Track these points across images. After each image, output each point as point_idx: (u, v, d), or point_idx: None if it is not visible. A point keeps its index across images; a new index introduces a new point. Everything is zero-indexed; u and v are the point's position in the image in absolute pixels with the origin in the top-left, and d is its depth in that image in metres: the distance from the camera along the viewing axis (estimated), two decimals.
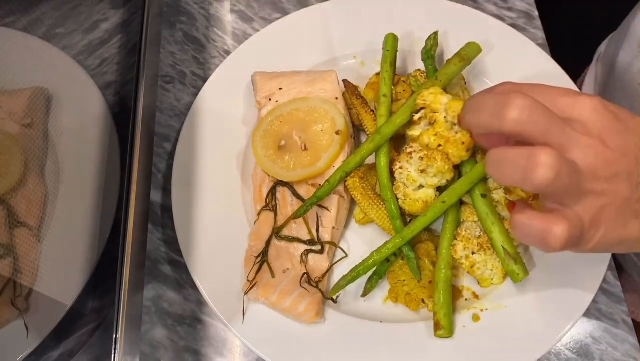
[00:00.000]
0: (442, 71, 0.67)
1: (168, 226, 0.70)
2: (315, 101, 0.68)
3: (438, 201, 0.61)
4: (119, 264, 0.59)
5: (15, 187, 0.59)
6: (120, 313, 0.56)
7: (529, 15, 0.83)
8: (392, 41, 0.70)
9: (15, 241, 0.57)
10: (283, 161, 0.66)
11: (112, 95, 0.70)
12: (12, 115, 0.63)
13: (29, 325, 0.56)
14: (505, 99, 0.44)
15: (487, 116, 0.46)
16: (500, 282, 0.62)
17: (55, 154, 0.64)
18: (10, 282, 0.56)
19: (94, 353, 0.59)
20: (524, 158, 0.43)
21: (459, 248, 0.61)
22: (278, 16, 0.84)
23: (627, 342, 0.63)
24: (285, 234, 0.65)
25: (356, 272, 0.61)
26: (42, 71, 0.67)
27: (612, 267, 0.66)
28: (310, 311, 0.60)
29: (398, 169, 0.62)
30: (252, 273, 0.63)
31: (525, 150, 0.43)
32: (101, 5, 0.75)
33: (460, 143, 0.61)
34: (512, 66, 0.73)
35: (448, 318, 0.59)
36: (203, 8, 0.86)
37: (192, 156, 0.70)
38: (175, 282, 0.68)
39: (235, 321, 0.61)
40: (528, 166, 0.42)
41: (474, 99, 0.50)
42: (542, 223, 0.45)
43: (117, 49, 0.73)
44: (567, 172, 0.43)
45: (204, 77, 0.80)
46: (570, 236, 0.44)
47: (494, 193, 0.63)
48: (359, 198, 0.64)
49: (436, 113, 0.61)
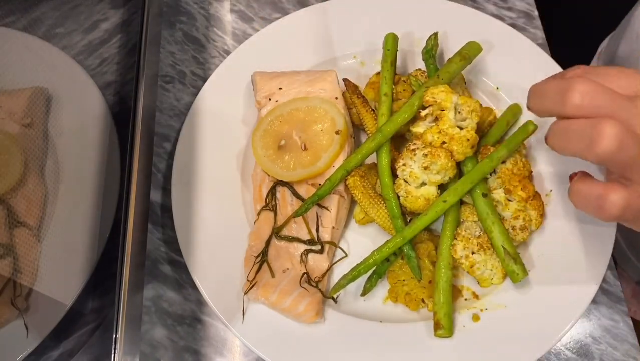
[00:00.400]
0: (444, 69, 0.68)
1: (168, 226, 0.70)
2: (315, 101, 0.68)
3: (439, 201, 0.61)
4: (119, 264, 0.59)
5: (15, 187, 0.59)
6: (120, 313, 0.56)
7: (529, 15, 0.83)
8: (393, 41, 0.70)
9: (15, 241, 0.57)
10: (283, 161, 0.66)
11: (112, 95, 0.70)
12: (12, 115, 0.63)
13: (29, 325, 0.56)
14: (567, 84, 0.44)
15: (550, 102, 0.46)
16: (500, 282, 0.62)
17: (55, 154, 0.64)
18: (10, 282, 0.56)
19: (94, 353, 0.59)
20: (589, 128, 0.43)
21: (459, 248, 0.61)
22: (278, 16, 0.84)
23: (627, 342, 0.63)
24: (286, 234, 0.65)
25: (357, 271, 0.61)
26: (42, 71, 0.67)
27: (612, 267, 0.66)
28: (310, 311, 0.60)
29: (401, 166, 0.62)
30: (252, 273, 0.63)
31: (590, 121, 0.43)
32: (101, 5, 0.75)
33: (465, 140, 0.61)
34: (512, 66, 0.73)
35: (448, 318, 0.59)
36: (203, 8, 0.86)
37: (192, 156, 0.70)
38: (175, 282, 0.68)
39: (235, 321, 0.61)
40: (593, 136, 0.42)
41: (539, 84, 0.50)
42: (601, 189, 0.45)
43: (117, 49, 0.73)
44: (631, 144, 0.42)
45: (204, 77, 0.80)
46: (627, 204, 0.44)
47: (495, 193, 0.63)
48: (360, 197, 0.64)
49: (444, 111, 0.61)
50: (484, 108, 0.68)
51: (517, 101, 0.71)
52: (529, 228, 0.62)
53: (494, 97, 0.74)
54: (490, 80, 0.74)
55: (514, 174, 0.64)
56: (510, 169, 0.64)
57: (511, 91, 0.72)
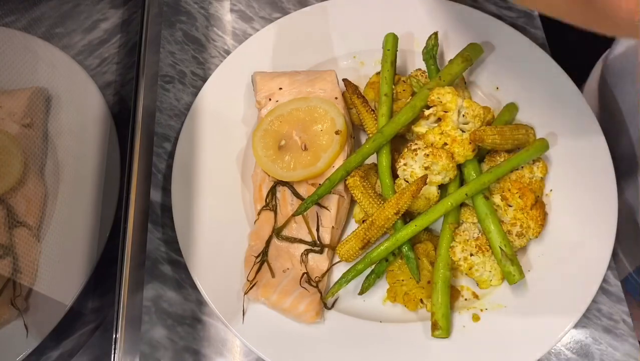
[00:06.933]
0: (446, 70, 0.68)
1: (168, 226, 0.70)
2: (315, 101, 0.68)
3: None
4: (119, 264, 0.59)
5: (15, 187, 0.59)
6: (120, 313, 0.56)
7: (529, 15, 0.83)
8: (393, 41, 0.70)
9: (15, 241, 0.57)
10: (283, 161, 0.66)
11: (112, 95, 0.70)
12: (12, 115, 0.63)
13: (29, 325, 0.56)
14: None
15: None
16: (499, 284, 0.62)
17: (55, 154, 0.64)
18: (10, 282, 0.56)
19: (94, 353, 0.59)
20: None
21: (458, 250, 0.61)
22: (278, 16, 0.84)
23: (627, 342, 0.63)
24: (286, 235, 0.65)
25: (346, 278, 0.61)
26: (42, 71, 0.67)
27: (612, 267, 0.66)
28: (310, 311, 0.60)
29: (402, 166, 0.63)
30: (252, 273, 0.63)
31: None
32: (101, 5, 0.75)
33: (467, 143, 0.61)
34: (512, 66, 0.73)
35: (446, 318, 0.59)
36: (203, 8, 0.86)
37: (192, 156, 0.70)
38: (175, 282, 0.68)
39: (235, 321, 0.61)
40: None
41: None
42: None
43: (117, 49, 0.73)
44: None
45: (204, 77, 0.80)
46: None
47: (495, 197, 0.64)
48: (360, 196, 0.64)
49: (448, 112, 0.62)
50: (482, 107, 0.68)
51: (517, 100, 0.71)
52: (526, 235, 0.62)
53: (493, 97, 0.74)
54: (490, 80, 0.74)
55: (514, 181, 0.64)
56: (509, 176, 0.64)
57: (511, 91, 0.73)
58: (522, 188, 0.63)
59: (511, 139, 0.65)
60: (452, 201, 0.61)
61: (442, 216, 0.63)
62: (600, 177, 0.66)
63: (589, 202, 0.65)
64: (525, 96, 0.72)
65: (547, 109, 0.70)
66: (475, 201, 0.62)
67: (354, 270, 0.61)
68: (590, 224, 0.64)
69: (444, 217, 0.63)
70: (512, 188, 0.63)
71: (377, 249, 0.62)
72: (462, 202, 0.63)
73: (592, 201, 0.65)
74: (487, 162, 0.66)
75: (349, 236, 0.63)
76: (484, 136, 0.62)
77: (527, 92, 0.72)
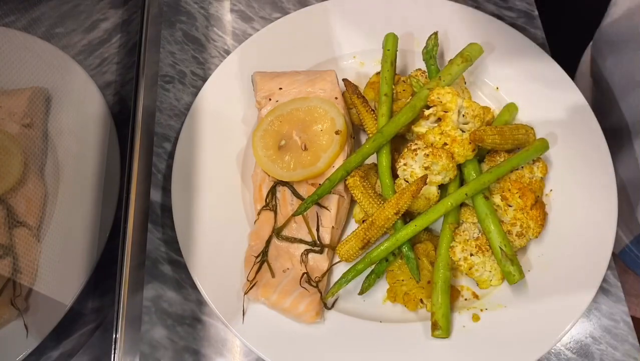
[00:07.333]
0: (446, 71, 0.68)
1: (168, 226, 0.70)
2: (315, 101, 0.68)
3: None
4: (119, 264, 0.59)
5: (15, 187, 0.59)
6: (120, 313, 0.56)
7: (529, 15, 0.83)
8: (393, 41, 0.71)
9: (15, 241, 0.57)
10: (283, 161, 0.66)
11: (112, 95, 0.70)
12: (12, 115, 0.62)
13: (29, 325, 0.56)
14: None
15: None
16: (498, 284, 0.62)
17: (55, 154, 0.64)
18: (10, 282, 0.56)
19: (94, 353, 0.59)
20: None
21: (458, 251, 0.61)
22: (278, 16, 0.84)
23: (627, 342, 0.63)
24: (286, 235, 0.65)
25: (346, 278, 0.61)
26: (42, 71, 0.67)
27: (612, 267, 0.66)
28: (310, 311, 0.60)
29: (402, 166, 0.63)
30: (252, 273, 0.63)
31: None
32: (101, 5, 0.75)
33: (467, 143, 0.62)
34: (512, 66, 0.73)
35: (446, 318, 0.59)
36: (203, 8, 0.86)
37: (192, 156, 0.70)
38: (175, 282, 0.68)
39: (235, 321, 0.61)
40: None
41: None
42: None
43: (117, 49, 0.73)
44: None
45: (204, 77, 0.80)
46: None
47: (495, 197, 0.64)
48: (360, 196, 0.64)
49: (448, 113, 0.62)
50: (482, 107, 0.68)
51: (516, 100, 0.71)
52: (526, 235, 0.62)
53: (493, 97, 0.74)
54: (490, 80, 0.74)
55: (514, 181, 0.64)
56: (509, 176, 0.64)
57: (511, 91, 0.73)
58: (522, 188, 0.63)
59: (511, 139, 0.65)
60: (452, 201, 0.61)
61: (442, 216, 0.63)
62: (600, 177, 0.66)
63: (589, 202, 0.65)
64: (525, 96, 0.72)
65: (547, 109, 0.70)
66: (475, 201, 0.62)
67: (354, 270, 0.61)
68: (590, 224, 0.64)
69: (444, 217, 0.63)
70: (512, 187, 0.63)
71: (377, 249, 0.62)
72: (462, 202, 0.63)
73: (592, 201, 0.65)
74: (487, 162, 0.67)
75: (349, 236, 0.63)
76: (484, 136, 0.62)
77: (527, 92, 0.72)
